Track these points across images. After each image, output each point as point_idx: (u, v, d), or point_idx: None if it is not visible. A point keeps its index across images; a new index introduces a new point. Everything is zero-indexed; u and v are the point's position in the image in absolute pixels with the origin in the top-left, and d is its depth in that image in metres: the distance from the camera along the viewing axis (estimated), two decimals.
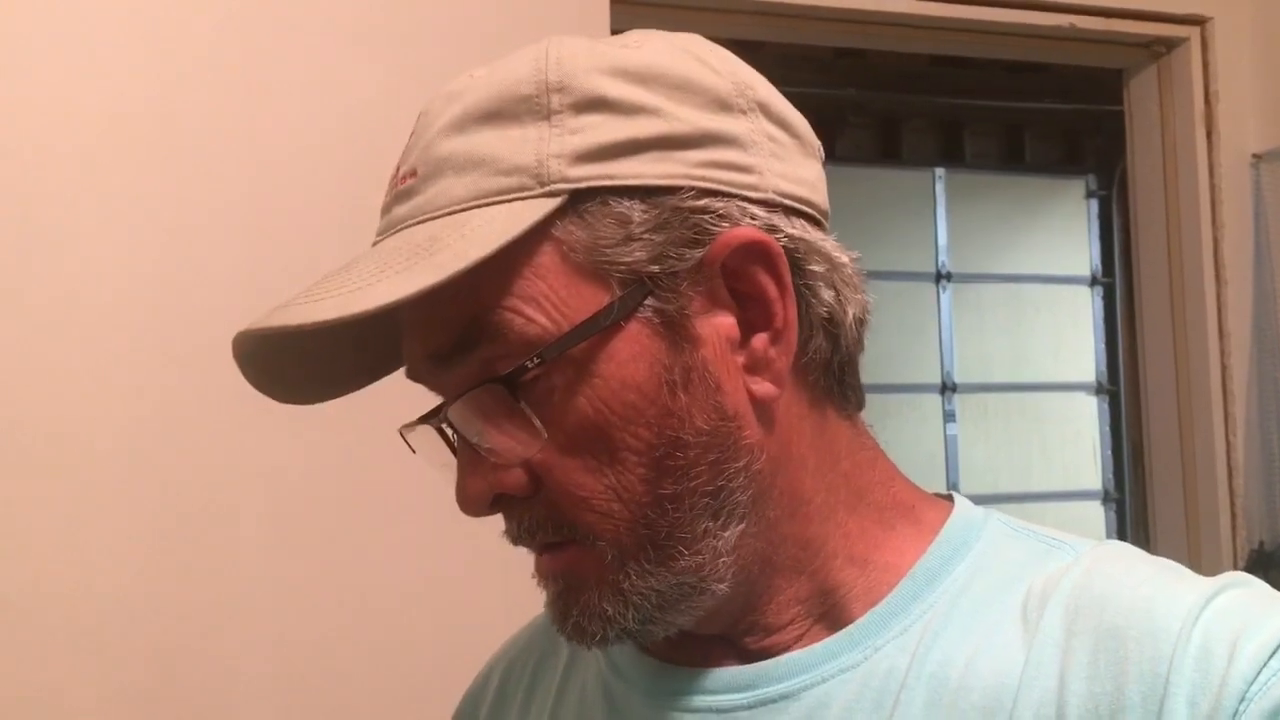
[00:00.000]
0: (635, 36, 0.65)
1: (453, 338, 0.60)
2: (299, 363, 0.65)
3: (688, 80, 0.61)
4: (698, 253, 0.59)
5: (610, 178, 0.59)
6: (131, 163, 1.56)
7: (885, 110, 3.91)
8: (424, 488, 1.80)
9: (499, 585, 1.61)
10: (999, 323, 4.22)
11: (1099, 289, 4.27)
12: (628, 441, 0.59)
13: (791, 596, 0.64)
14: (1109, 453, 4.25)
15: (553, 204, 0.58)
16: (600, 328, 0.58)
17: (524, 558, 0.64)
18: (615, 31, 1.37)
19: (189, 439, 1.55)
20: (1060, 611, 0.59)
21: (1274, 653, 0.54)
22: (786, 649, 0.64)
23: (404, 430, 0.65)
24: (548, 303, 0.58)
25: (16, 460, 1.50)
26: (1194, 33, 2.16)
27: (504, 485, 0.61)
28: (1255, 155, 2.15)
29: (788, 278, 0.61)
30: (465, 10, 1.70)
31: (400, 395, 0.68)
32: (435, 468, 0.65)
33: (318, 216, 1.60)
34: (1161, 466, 2.25)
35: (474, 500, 0.62)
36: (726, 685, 0.64)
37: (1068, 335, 4.27)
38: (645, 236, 0.59)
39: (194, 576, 1.54)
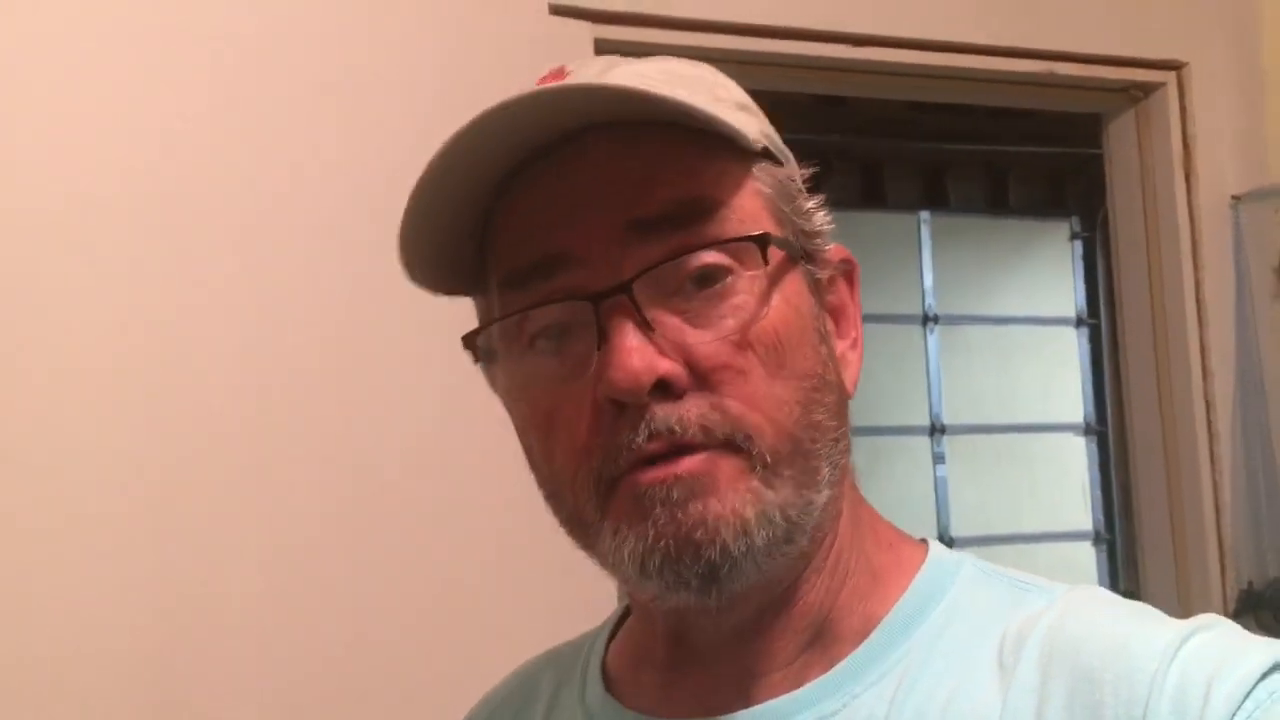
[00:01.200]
0: None
1: (668, 207, 0.61)
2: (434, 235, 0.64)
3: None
4: (823, 248, 0.66)
5: (783, 156, 0.66)
6: (128, 223, 1.56)
7: (868, 155, 3.93)
8: (431, 532, 1.76)
9: (508, 631, 1.61)
10: (987, 364, 4.23)
11: (1084, 330, 4.28)
12: (795, 361, 0.62)
13: (813, 601, 0.64)
14: (1099, 493, 4.24)
15: (756, 146, 0.64)
16: (794, 248, 0.64)
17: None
18: None
19: (192, 473, 1.55)
20: (1036, 655, 0.60)
21: (1249, 693, 0.55)
22: (779, 669, 0.64)
23: (524, 310, 0.62)
24: (747, 215, 0.63)
25: (11, 522, 1.50)
26: (1170, 78, 2.19)
27: (668, 371, 0.60)
28: (1234, 197, 2.17)
29: (859, 299, 0.68)
30: (447, 69, 1.71)
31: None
32: (501, 390, 0.66)
33: (322, 263, 1.61)
34: (1148, 507, 2.25)
35: (640, 372, 0.59)
36: None
37: (1055, 376, 4.28)
38: (804, 210, 0.66)
39: (190, 638, 1.54)
